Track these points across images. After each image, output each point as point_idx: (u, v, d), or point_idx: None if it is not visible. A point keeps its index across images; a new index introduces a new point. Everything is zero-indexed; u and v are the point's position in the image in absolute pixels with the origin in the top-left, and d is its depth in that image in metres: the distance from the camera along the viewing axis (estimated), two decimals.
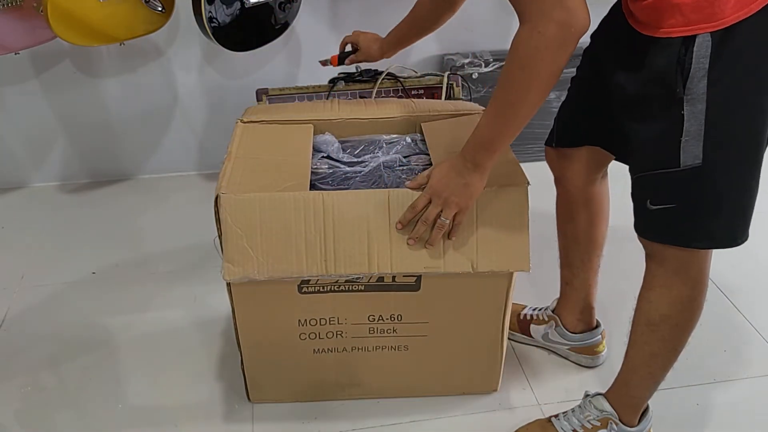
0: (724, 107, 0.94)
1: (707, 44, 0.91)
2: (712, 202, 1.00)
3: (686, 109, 0.94)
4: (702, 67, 0.91)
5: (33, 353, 1.52)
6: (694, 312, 1.10)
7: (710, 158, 0.96)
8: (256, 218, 1.12)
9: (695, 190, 0.99)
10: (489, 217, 1.14)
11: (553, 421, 1.26)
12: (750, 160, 0.98)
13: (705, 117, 0.94)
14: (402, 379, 1.35)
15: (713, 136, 0.95)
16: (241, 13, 1.73)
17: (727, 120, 0.94)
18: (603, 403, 1.22)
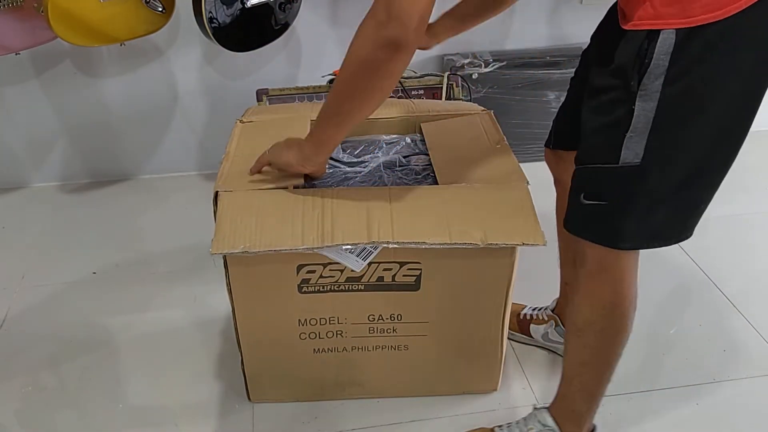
0: (675, 109, 0.91)
1: (670, 41, 0.88)
2: (644, 204, 0.98)
3: (637, 105, 0.91)
4: (661, 64, 0.89)
5: (33, 353, 1.52)
6: (618, 320, 1.07)
7: (650, 158, 0.94)
8: (253, 207, 1.12)
9: (629, 189, 0.97)
10: (494, 206, 1.14)
11: (495, 431, 1.26)
12: (696, 168, 0.95)
13: (654, 116, 0.91)
14: (402, 378, 1.35)
15: (658, 136, 0.92)
16: (241, 13, 1.73)
17: (677, 123, 0.92)
18: (546, 418, 1.20)
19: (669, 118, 0.91)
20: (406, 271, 1.17)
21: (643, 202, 0.97)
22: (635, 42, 0.90)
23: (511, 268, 1.18)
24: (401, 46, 0.93)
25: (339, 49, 2.06)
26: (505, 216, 1.11)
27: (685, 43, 0.87)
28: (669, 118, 0.91)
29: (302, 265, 1.15)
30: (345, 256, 1.12)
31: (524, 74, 2.09)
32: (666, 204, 0.98)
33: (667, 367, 1.46)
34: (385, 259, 1.15)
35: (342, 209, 1.11)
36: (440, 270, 1.18)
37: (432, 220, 1.10)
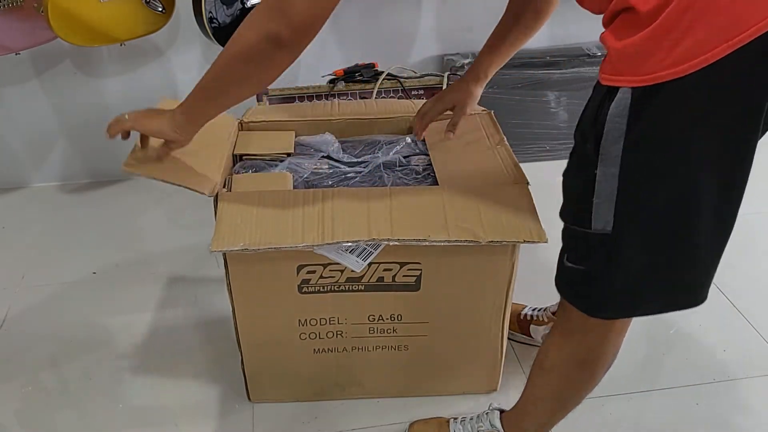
0: (642, 176, 0.82)
1: (625, 102, 0.78)
2: (621, 274, 0.90)
3: (599, 170, 0.83)
4: (617, 127, 0.80)
5: (33, 353, 1.52)
6: (587, 376, 1.03)
7: (621, 229, 0.86)
8: (253, 206, 1.12)
9: (603, 258, 0.90)
10: (494, 205, 1.13)
11: (450, 423, 1.26)
12: (672, 239, 0.86)
13: (618, 182, 0.83)
14: (402, 379, 1.35)
15: (626, 205, 0.84)
16: (241, 13, 1.73)
17: (645, 191, 0.83)
18: (496, 421, 1.19)
19: (635, 186, 0.83)
20: (407, 272, 1.17)
21: (620, 271, 0.90)
22: (595, 100, 0.83)
23: (512, 268, 1.18)
24: (282, 43, 0.89)
25: (339, 49, 2.07)
26: (506, 215, 1.11)
27: (643, 103, 0.78)
28: (635, 186, 0.83)
29: (302, 266, 1.15)
30: (345, 257, 1.12)
31: (524, 74, 2.08)
32: (646, 274, 0.90)
33: (667, 367, 1.46)
34: (385, 260, 1.15)
35: (342, 208, 1.11)
36: (440, 270, 1.18)
37: (432, 218, 1.10)
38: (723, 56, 0.71)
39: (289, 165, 1.28)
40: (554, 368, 1.04)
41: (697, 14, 0.72)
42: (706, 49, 0.72)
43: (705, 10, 0.71)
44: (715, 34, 0.71)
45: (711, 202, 0.83)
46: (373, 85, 1.83)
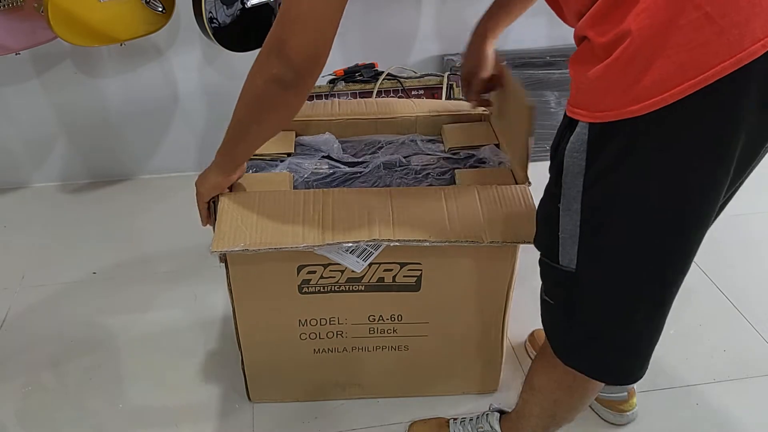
0: (602, 218, 0.78)
1: (583, 138, 0.74)
2: (582, 320, 0.87)
3: (562, 204, 0.81)
4: (576, 163, 0.76)
5: (33, 353, 1.52)
6: (576, 399, 1.01)
7: (584, 269, 0.82)
8: (254, 207, 1.12)
9: (568, 296, 0.87)
10: (495, 206, 1.13)
11: (450, 424, 1.26)
12: (636, 286, 0.82)
13: (580, 221, 0.79)
14: (402, 379, 1.35)
15: (589, 244, 0.81)
16: (241, 13, 1.73)
17: (606, 233, 0.79)
18: (495, 424, 1.19)
19: (597, 227, 0.79)
20: (407, 272, 1.17)
21: (580, 316, 0.87)
22: (560, 128, 0.80)
23: (512, 269, 1.18)
24: (287, 84, 0.90)
25: (339, 49, 2.06)
26: (507, 216, 1.11)
27: (599, 142, 0.74)
28: (597, 227, 0.79)
29: (303, 266, 1.15)
30: (345, 257, 1.12)
31: (524, 74, 2.09)
32: (602, 326, 0.87)
33: (667, 367, 1.46)
34: (385, 260, 1.15)
35: (342, 209, 1.11)
36: (441, 270, 1.18)
37: (433, 219, 1.10)
38: (684, 96, 0.67)
39: (289, 165, 1.28)
40: (543, 390, 1.03)
41: (655, 52, 0.67)
42: (665, 89, 0.67)
43: (662, 49, 0.67)
44: (674, 74, 0.67)
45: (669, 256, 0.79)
46: (373, 85, 1.84)
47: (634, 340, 0.88)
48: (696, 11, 0.65)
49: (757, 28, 0.64)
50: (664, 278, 0.82)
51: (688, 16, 0.65)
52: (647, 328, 0.87)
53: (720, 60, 0.65)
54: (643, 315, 0.85)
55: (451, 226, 1.09)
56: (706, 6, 0.65)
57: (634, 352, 0.90)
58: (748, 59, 0.65)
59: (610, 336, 0.88)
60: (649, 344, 0.89)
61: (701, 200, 0.75)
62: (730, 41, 0.65)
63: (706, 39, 0.65)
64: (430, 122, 1.41)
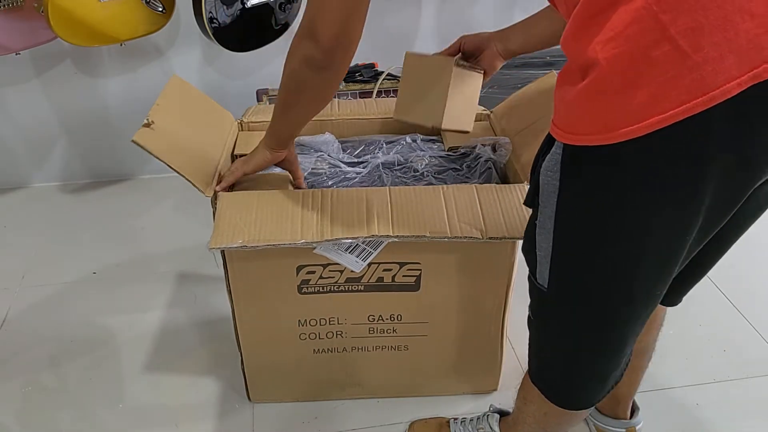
0: (571, 243, 0.77)
1: (557, 158, 0.72)
2: (548, 339, 0.88)
3: (539, 221, 0.79)
4: (551, 182, 0.74)
5: (33, 353, 1.52)
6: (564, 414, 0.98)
7: (554, 290, 0.81)
8: (253, 205, 1.12)
9: (541, 316, 0.87)
10: (493, 205, 1.13)
11: (450, 424, 1.26)
12: (595, 316, 0.80)
13: (553, 241, 0.78)
14: (402, 379, 1.35)
15: (559, 266, 0.79)
16: (241, 13, 1.73)
17: (574, 260, 0.78)
18: (495, 425, 1.19)
19: (567, 251, 0.77)
20: (406, 272, 1.17)
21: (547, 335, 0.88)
22: (543, 144, 0.77)
23: (511, 267, 1.18)
24: (319, 65, 0.93)
25: None
26: (505, 213, 1.11)
27: (571, 164, 0.71)
28: (567, 251, 0.77)
29: (302, 266, 1.15)
30: (345, 257, 1.12)
31: (524, 74, 2.08)
32: (563, 351, 0.87)
33: (667, 367, 1.46)
34: (384, 260, 1.15)
35: (341, 207, 1.12)
36: (440, 269, 1.18)
37: (432, 216, 1.10)
38: (653, 130, 0.63)
39: None
40: (533, 402, 1.02)
41: (626, 83, 0.64)
42: (635, 120, 0.64)
43: (634, 80, 0.64)
44: (645, 105, 0.63)
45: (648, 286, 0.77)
46: (373, 85, 1.84)
47: (590, 367, 0.88)
48: (669, 44, 0.62)
49: (732, 65, 0.61)
50: (623, 312, 0.80)
51: (661, 48, 0.62)
52: (604, 357, 0.86)
53: (691, 97, 0.62)
54: (599, 345, 0.84)
55: (450, 223, 1.09)
56: (679, 39, 0.61)
57: (590, 378, 0.89)
58: (721, 98, 0.61)
59: (568, 360, 0.88)
60: (605, 372, 0.88)
61: (663, 243, 0.72)
62: (702, 77, 0.61)
63: (678, 73, 0.62)
64: None
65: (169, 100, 1.24)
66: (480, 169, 1.27)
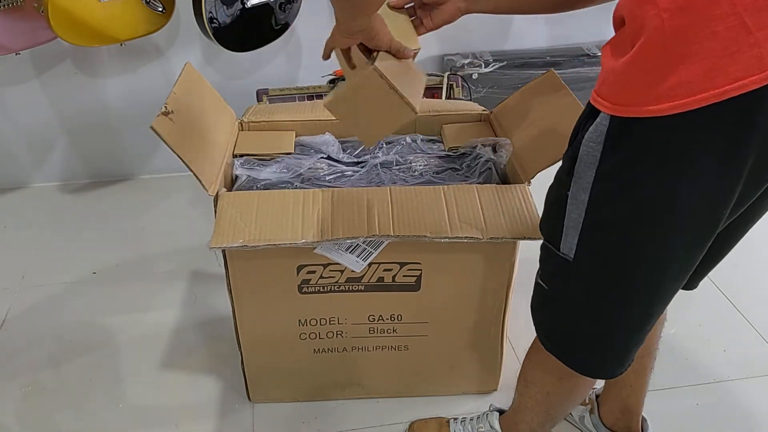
0: (608, 214, 0.77)
1: (602, 129, 0.72)
2: (570, 308, 0.87)
3: (571, 191, 0.79)
4: (591, 153, 0.74)
5: (33, 353, 1.52)
6: (567, 391, 1.01)
7: (581, 260, 0.81)
8: (253, 205, 1.12)
9: (562, 285, 0.87)
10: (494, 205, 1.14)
11: (450, 423, 1.26)
12: (626, 287, 0.81)
13: (585, 211, 0.78)
14: (402, 379, 1.35)
15: (589, 236, 0.79)
16: (241, 13, 1.73)
17: (608, 232, 0.78)
18: (495, 423, 1.19)
19: (600, 221, 0.78)
20: (407, 272, 1.17)
21: (569, 305, 0.87)
22: (582, 116, 0.77)
23: (511, 268, 1.18)
24: None
25: None
26: (506, 213, 1.12)
27: (618, 135, 0.72)
28: (600, 221, 0.78)
29: (302, 266, 1.15)
30: (345, 257, 1.12)
31: (524, 74, 2.08)
32: (587, 320, 0.86)
33: (667, 367, 1.46)
34: (385, 260, 1.15)
35: (342, 207, 1.12)
36: (440, 269, 1.18)
37: (432, 216, 1.10)
38: (705, 105, 0.64)
39: (287, 164, 1.28)
40: (536, 382, 1.03)
41: (682, 53, 0.64)
42: (688, 93, 0.65)
43: (690, 51, 0.64)
44: (700, 79, 0.64)
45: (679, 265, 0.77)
46: None
47: (614, 338, 0.87)
48: (734, 18, 0.62)
49: None
50: (656, 285, 0.81)
51: (725, 23, 0.62)
52: (631, 328, 0.86)
53: (749, 74, 0.63)
54: (628, 316, 0.84)
55: (450, 223, 1.09)
56: (744, 14, 0.62)
57: (613, 348, 0.89)
58: None
59: (593, 329, 0.88)
60: (630, 344, 0.88)
61: (703, 215, 0.73)
62: (762, 55, 0.62)
63: (738, 49, 0.62)
64: (430, 122, 1.41)
65: (184, 90, 1.24)
66: (480, 169, 1.27)
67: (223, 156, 1.25)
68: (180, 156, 1.07)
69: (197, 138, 1.18)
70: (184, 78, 1.23)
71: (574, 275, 0.84)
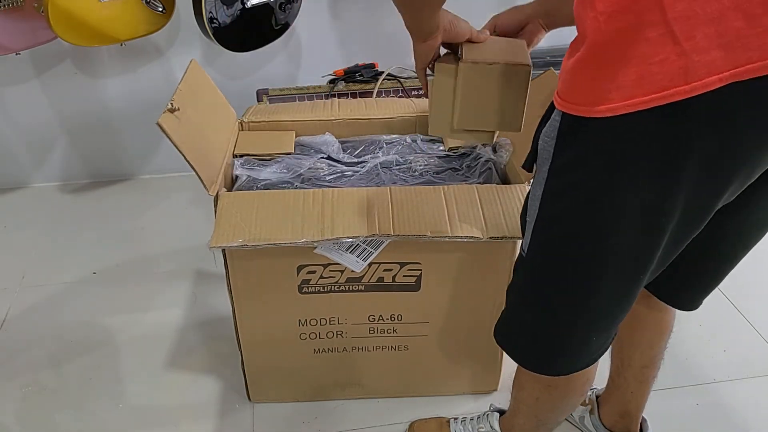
0: (556, 210, 0.77)
1: (555, 125, 0.73)
2: (520, 304, 0.89)
3: (531, 188, 0.80)
4: (546, 149, 0.75)
5: (33, 353, 1.52)
6: (556, 399, 0.99)
7: (531, 257, 0.82)
8: (253, 205, 1.12)
9: (516, 279, 0.88)
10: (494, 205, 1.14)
11: (450, 423, 1.26)
12: (569, 286, 0.81)
13: (539, 207, 0.78)
14: (402, 379, 1.35)
15: (539, 234, 0.80)
16: (241, 13, 1.73)
17: (557, 229, 0.78)
18: (495, 423, 1.19)
19: (550, 219, 0.78)
20: (407, 272, 1.17)
21: (520, 300, 0.88)
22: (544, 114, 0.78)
23: (512, 266, 1.17)
24: None
25: (339, 49, 2.07)
26: (506, 213, 1.12)
27: (568, 132, 0.72)
28: (550, 219, 0.78)
29: (303, 266, 1.15)
30: (345, 257, 1.12)
31: None
32: (535, 314, 0.87)
33: (667, 367, 1.45)
34: (385, 260, 1.15)
35: (342, 206, 1.12)
36: (440, 270, 1.18)
37: (433, 216, 1.10)
38: (636, 110, 0.64)
39: (287, 164, 1.28)
40: (525, 387, 1.03)
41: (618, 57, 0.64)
42: (624, 97, 0.64)
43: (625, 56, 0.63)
44: (633, 84, 0.63)
45: (619, 267, 0.77)
46: (373, 85, 1.84)
47: (564, 334, 0.87)
48: (664, 26, 0.62)
49: (717, 59, 0.61)
50: (596, 284, 0.79)
51: (656, 30, 0.62)
52: (577, 326, 0.85)
53: (673, 84, 0.62)
54: (574, 312, 0.83)
55: (451, 222, 1.09)
56: (674, 24, 0.61)
57: (562, 345, 0.88)
58: (702, 89, 0.61)
59: (539, 324, 0.88)
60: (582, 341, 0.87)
61: (637, 223, 0.72)
62: (687, 66, 0.61)
63: (666, 57, 0.62)
64: None
65: (189, 88, 1.23)
66: (480, 169, 1.27)
67: (224, 156, 1.25)
68: (184, 154, 1.07)
69: (200, 137, 1.18)
70: (190, 75, 1.23)
71: (526, 270, 0.85)
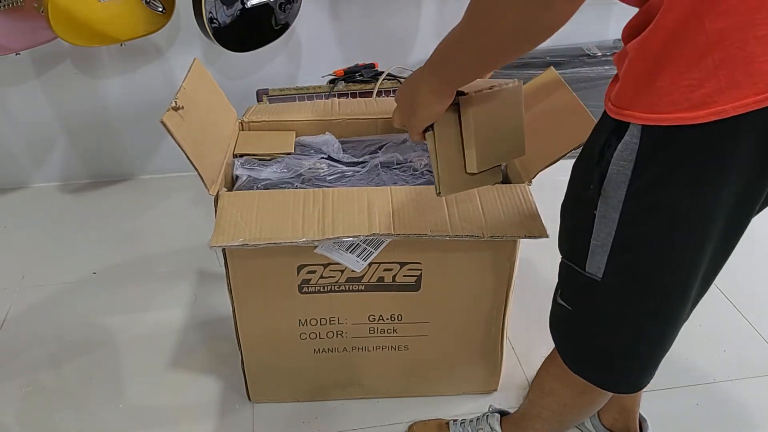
0: (641, 231, 0.74)
1: (634, 143, 0.68)
2: (598, 328, 0.86)
3: (599, 210, 0.75)
4: (622, 171, 0.71)
5: (33, 353, 1.52)
6: (587, 403, 1.00)
7: (610, 281, 0.79)
8: (254, 204, 1.12)
9: (589, 305, 0.85)
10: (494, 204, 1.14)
11: (450, 425, 1.26)
12: (658, 304, 0.80)
13: (616, 230, 0.75)
14: (402, 379, 1.35)
15: (620, 257, 0.77)
16: (241, 13, 1.73)
17: (642, 250, 0.75)
18: (496, 425, 1.19)
19: (633, 241, 0.75)
20: (407, 272, 1.17)
21: (597, 325, 0.86)
22: (601, 133, 0.73)
23: (512, 267, 1.18)
24: None
25: (339, 49, 2.07)
26: (507, 213, 1.12)
27: (651, 150, 0.68)
28: (633, 241, 0.75)
29: (303, 266, 1.15)
30: (345, 257, 1.12)
31: (524, 74, 2.08)
32: (615, 339, 0.85)
33: (667, 367, 1.44)
34: (385, 260, 1.15)
35: (342, 206, 1.12)
36: (441, 270, 1.18)
37: (433, 215, 1.10)
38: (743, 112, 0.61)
39: (287, 164, 1.28)
40: (554, 393, 1.02)
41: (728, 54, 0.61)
42: (736, 98, 0.61)
43: (747, 51, 0.61)
44: (761, 78, 0.61)
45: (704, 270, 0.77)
46: (373, 85, 1.83)
47: (645, 353, 0.88)
48: None
49: None
50: (687, 293, 0.80)
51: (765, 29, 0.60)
52: (660, 342, 0.87)
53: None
54: (660, 328, 0.85)
55: (451, 221, 1.09)
56: None
57: (642, 363, 0.89)
58: None
59: (623, 346, 0.87)
60: (658, 357, 0.89)
61: (734, 219, 0.73)
62: None
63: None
64: None
65: (193, 86, 1.23)
66: None
67: (225, 155, 1.25)
68: (186, 153, 1.07)
69: (202, 136, 1.18)
70: (193, 74, 1.23)
71: (604, 294, 0.82)
